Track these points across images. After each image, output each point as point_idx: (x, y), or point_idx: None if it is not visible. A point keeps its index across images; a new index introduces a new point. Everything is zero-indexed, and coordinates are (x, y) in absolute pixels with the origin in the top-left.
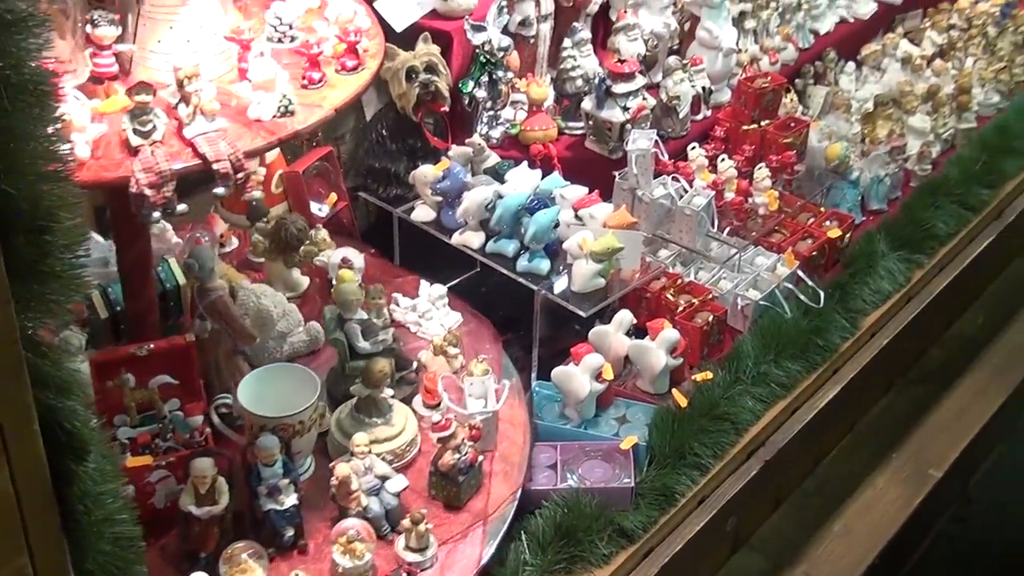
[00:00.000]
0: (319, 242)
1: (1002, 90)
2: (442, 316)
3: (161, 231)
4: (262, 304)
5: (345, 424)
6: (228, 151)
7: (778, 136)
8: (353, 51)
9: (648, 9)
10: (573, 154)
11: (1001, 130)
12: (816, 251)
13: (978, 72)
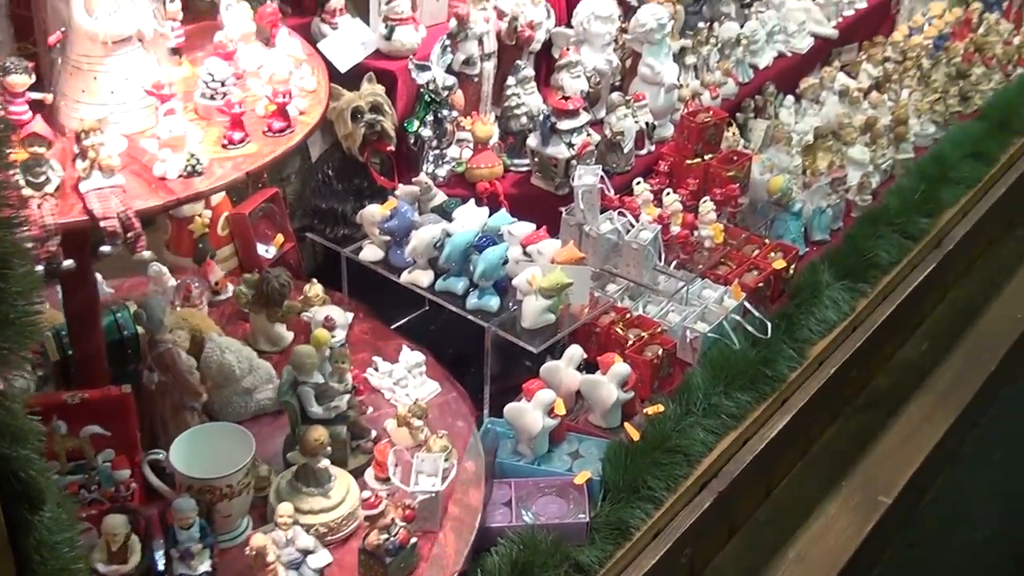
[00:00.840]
0: (311, 297)
1: (937, 121)
2: (418, 384)
3: (157, 274)
4: (225, 359)
5: (283, 491)
6: (119, 209)
7: (721, 169)
8: (282, 113)
9: (590, 46)
10: (519, 191)
11: (938, 160)
12: (762, 282)
13: (914, 103)
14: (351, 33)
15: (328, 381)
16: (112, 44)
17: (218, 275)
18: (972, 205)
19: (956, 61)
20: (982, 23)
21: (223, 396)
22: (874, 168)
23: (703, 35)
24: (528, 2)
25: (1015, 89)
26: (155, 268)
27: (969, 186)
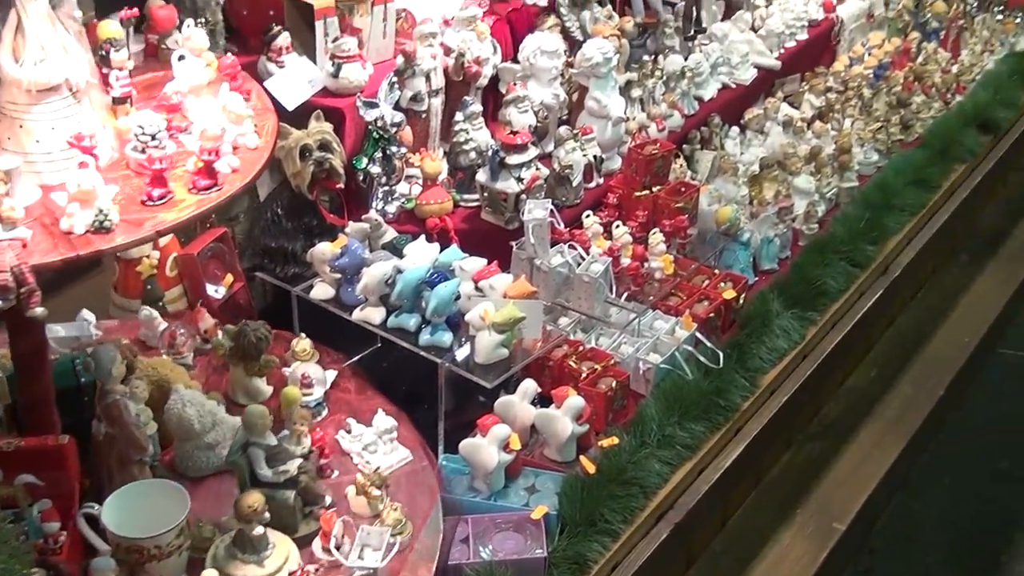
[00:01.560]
0: (298, 352)
1: (880, 149)
2: (387, 451)
3: (148, 319)
4: (185, 413)
5: (219, 556)
6: (12, 262)
7: (670, 201)
8: (208, 171)
9: (537, 81)
10: (469, 226)
11: (882, 188)
12: (713, 313)
13: (857, 132)
14: (298, 71)
15: (282, 443)
16: (37, 92)
17: (208, 323)
18: (916, 232)
19: (896, 90)
20: (920, 53)
21: (184, 450)
22: (820, 197)
23: (648, 68)
24: (474, 38)
25: (954, 117)
26: (146, 313)
27: (913, 213)
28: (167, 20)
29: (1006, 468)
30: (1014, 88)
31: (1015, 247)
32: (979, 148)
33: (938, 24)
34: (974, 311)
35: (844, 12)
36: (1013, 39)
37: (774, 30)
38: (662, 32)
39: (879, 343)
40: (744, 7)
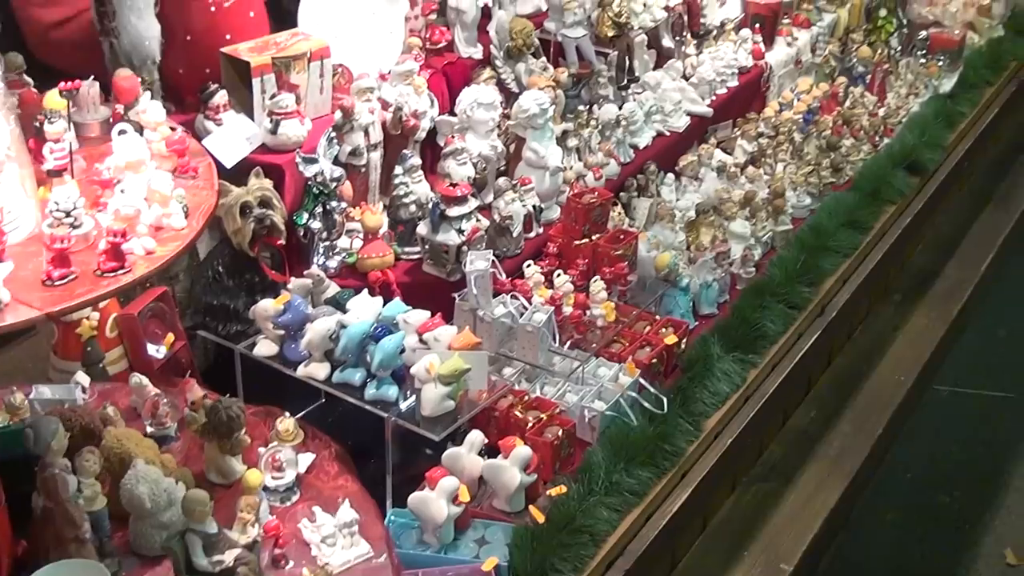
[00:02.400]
0: (281, 432)
1: (813, 192)
2: (346, 544)
3: (138, 385)
4: (137, 490)
5: None
6: None
7: (609, 249)
8: (115, 253)
9: (474, 133)
10: (411, 278)
11: (816, 230)
12: (655, 358)
13: (789, 176)
14: (236, 129)
15: (222, 531)
16: None
17: (196, 394)
18: (851, 273)
19: (826, 134)
20: (848, 97)
21: (137, 528)
22: (755, 241)
23: (583, 118)
24: (412, 92)
25: (883, 159)
26: (136, 380)
27: (847, 254)
28: (129, 92)
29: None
30: (939, 130)
31: (946, 285)
32: (908, 189)
33: (864, 68)
34: (908, 349)
35: (773, 59)
36: (936, 82)
37: (705, 78)
38: (596, 82)
39: (818, 383)
40: (675, 56)
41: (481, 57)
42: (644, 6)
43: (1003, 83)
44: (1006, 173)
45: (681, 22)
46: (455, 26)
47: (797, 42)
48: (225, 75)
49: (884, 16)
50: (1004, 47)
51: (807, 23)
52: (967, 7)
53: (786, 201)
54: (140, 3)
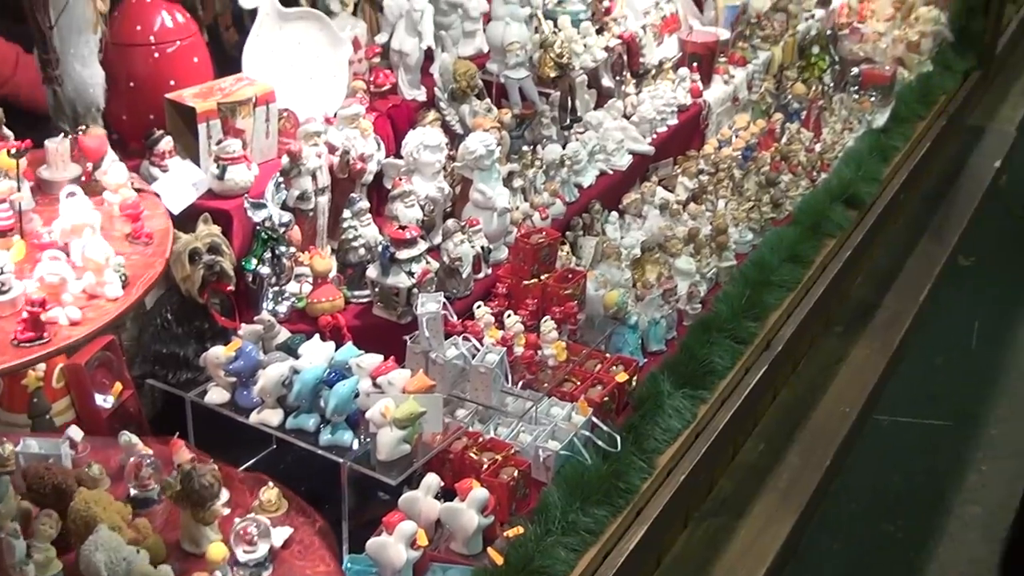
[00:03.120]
0: (264, 503)
1: (754, 227)
2: None
3: (127, 443)
4: (94, 558)
5: None
6: None
7: (558, 288)
8: (33, 323)
9: (421, 175)
10: (361, 322)
11: (759, 265)
12: (607, 396)
13: (731, 212)
14: (182, 175)
15: None
16: None
17: (183, 457)
18: (794, 307)
19: (765, 170)
20: (784, 133)
21: None
22: (700, 277)
23: (528, 158)
24: (358, 135)
25: (821, 194)
26: (125, 438)
27: (790, 289)
28: (96, 151)
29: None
30: (875, 164)
31: (885, 317)
32: (846, 223)
33: (799, 105)
34: (852, 381)
35: (711, 96)
36: (870, 117)
37: (646, 116)
38: (539, 122)
39: (765, 417)
40: (615, 95)
41: (425, 99)
42: (585, 47)
43: (933, 117)
44: (939, 205)
45: (621, 62)
46: (398, 69)
47: (734, 80)
48: (170, 121)
49: (817, 53)
50: (933, 82)
51: (743, 61)
52: (897, 43)
53: (729, 237)
54: (84, 50)
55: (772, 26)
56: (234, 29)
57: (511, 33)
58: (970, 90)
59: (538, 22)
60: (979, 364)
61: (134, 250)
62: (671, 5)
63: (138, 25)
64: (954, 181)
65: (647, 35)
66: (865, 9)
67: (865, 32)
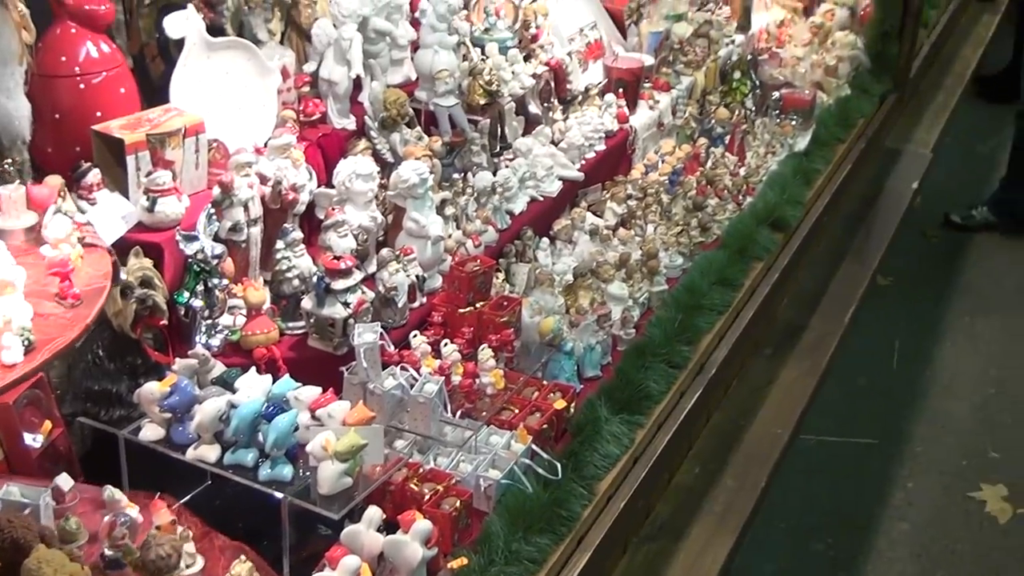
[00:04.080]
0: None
1: (684, 252)
2: None
3: (111, 499)
4: None
5: None
6: None
7: (494, 316)
8: None
9: (353, 205)
10: (297, 354)
11: (690, 289)
12: (546, 424)
13: (660, 237)
14: (111, 208)
15: None
16: None
17: (164, 519)
18: (726, 330)
19: (691, 194)
20: (709, 157)
21: None
22: (633, 302)
23: (459, 186)
24: (289, 165)
25: (748, 217)
26: (109, 493)
27: (720, 312)
28: (41, 201)
29: (821, 550)
30: (798, 187)
31: (812, 338)
32: (773, 246)
33: (722, 129)
34: (782, 402)
35: (637, 122)
36: (792, 140)
37: (574, 142)
38: (469, 150)
39: (699, 440)
40: (543, 122)
41: (354, 128)
42: (513, 74)
43: (853, 140)
44: (859, 227)
45: (549, 88)
46: (327, 98)
47: (659, 105)
48: (97, 153)
49: (738, 78)
50: (851, 105)
51: (667, 86)
52: (815, 68)
53: (660, 262)
54: (10, 83)
55: (694, 52)
56: (160, 59)
57: (440, 61)
58: (887, 113)
59: (466, 50)
60: (900, 383)
61: (58, 312)
62: (595, 32)
63: (63, 56)
64: (873, 203)
65: (573, 62)
66: (783, 34)
67: (784, 57)
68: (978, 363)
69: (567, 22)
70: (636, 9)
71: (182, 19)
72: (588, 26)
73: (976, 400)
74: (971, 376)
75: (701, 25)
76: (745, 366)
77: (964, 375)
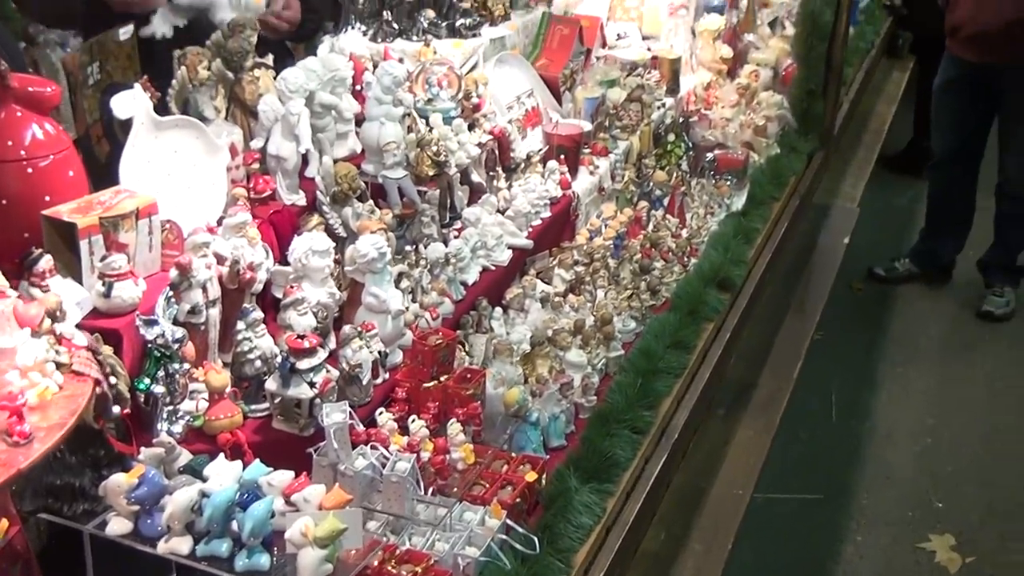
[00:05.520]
0: None
1: (635, 316)
2: None
3: None
4: None
5: None
6: None
7: (460, 389)
8: None
9: (310, 282)
10: (262, 437)
11: (646, 353)
12: (519, 497)
13: (611, 302)
14: (65, 295)
15: None
16: None
17: None
18: (683, 392)
19: (637, 258)
20: (651, 220)
21: None
22: (592, 368)
23: (412, 258)
24: (246, 244)
25: (694, 279)
26: None
27: (677, 375)
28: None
29: None
30: (740, 246)
31: (763, 396)
32: (721, 306)
33: (661, 192)
34: (740, 462)
35: (578, 187)
36: (728, 200)
37: (521, 210)
38: (419, 221)
39: (663, 505)
40: (487, 190)
41: (305, 203)
42: (459, 144)
43: (786, 198)
44: (797, 282)
45: (494, 157)
46: (276, 174)
47: (599, 170)
48: (47, 239)
49: (672, 141)
50: (782, 164)
51: (605, 151)
52: (744, 128)
53: (614, 327)
54: None
55: (629, 116)
56: (106, 140)
57: (387, 133)
58: (816, 170)
59: (412, 121)
60: (841, 436)
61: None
62: (532, 99)
63: (9, 140)
64: (809, 258)
65: (514, 129)
66: (711, 96)
67: (713, 118)
68: (914, 413)
69: (504, 91)
70: (570, 76)
71: (129, 98)
72: (525, 94)
73: (916, 450)
74: (908, 426)
75: (634, 90)
76: (701, 427)
77: (902, 425)
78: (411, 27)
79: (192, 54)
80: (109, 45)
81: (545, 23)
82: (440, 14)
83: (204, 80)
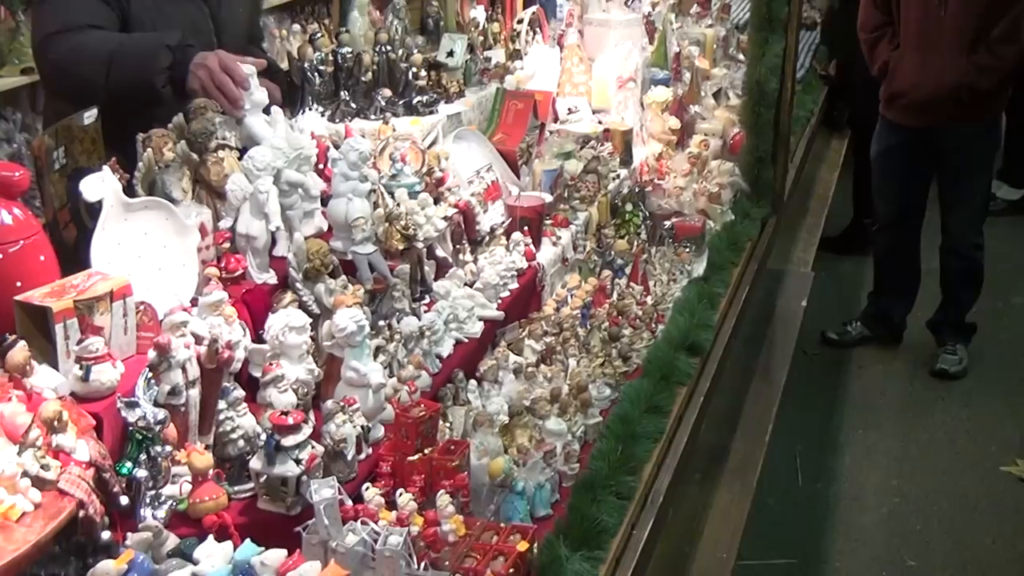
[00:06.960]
0: None
1: (610, 383)
2: None
3: None
4: None
5: None
6: None
7: (445, 461)
8: None
9: (287, 359)
10: (248, 518)
11: (623, 419)
12: (512, 568)
13: (584, 370)
14: (41, 381)
15: None
16: None
17: None
18: (663, 457)
19: (605, 326)
20: (615, 289)
21: None
22: (572, 437)
23: (387, 333)
24: (223, 323)
25: (664, 344)
26: None
27: (656, 440)
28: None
29: None
30: (705, 311)
31: (737, 460)
32: (692, 370)
33: (623, 261)
34: (721, 527)
35: (543, 258)
36: (689, 267)
37: (490, 282)
38: (391, 295)
39: (647, 571)
40: (452, 264)
41: (275, 282)
42: (426, 217)
43: (744, 263)
44: (759, 347)
45: (460, 230)
46: (246, 253)
47: (561, 241)
48: (20, 325)
49: (630, 210)
50: (737, 230)
51: (566, 222)
52: (698, 196)
53: (590, 394)
54: None
55: (586, 187)
56: (72, 224)
57: (355, 209)
58: (770, 235)
59: (378, 196)
60: (808, 499)
61: None
62: (491, 173)
63: None
64: (769, 322)
65: (476, 203)
66: (663, 166)
67: (667, 188)
68: (878, 474)
69: (463, 165)
70: (527, 149)
71: (98, 181)
72: (484, 168)
73: (884, 511)
74: (874, 487)
75: (589, 161)
76: (680, 493)
77: (867, 487)
78: (368, 106)
79: (157, 136)
80: (74, 129)
81: (500, 99)
82: (396, 92)
83: (170, 161)
